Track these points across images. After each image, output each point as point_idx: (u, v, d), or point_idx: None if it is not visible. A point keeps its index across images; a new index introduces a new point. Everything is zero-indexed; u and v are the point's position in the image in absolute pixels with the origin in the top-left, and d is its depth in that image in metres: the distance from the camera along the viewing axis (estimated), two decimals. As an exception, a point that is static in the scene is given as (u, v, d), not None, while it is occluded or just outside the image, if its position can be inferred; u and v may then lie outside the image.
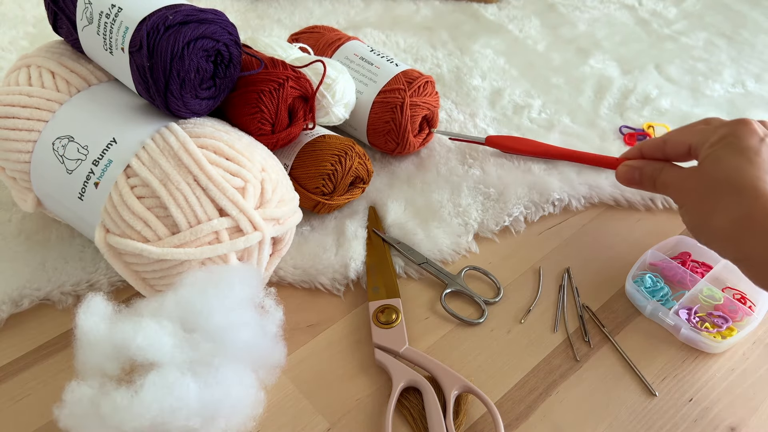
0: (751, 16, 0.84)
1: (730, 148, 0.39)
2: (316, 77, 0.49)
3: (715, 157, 0.40)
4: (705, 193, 0.40)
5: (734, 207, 0.37)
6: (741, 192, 0.37)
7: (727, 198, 0.38)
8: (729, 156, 0.39)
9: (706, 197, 0.39)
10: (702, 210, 0.40)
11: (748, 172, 0.38)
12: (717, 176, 0.39)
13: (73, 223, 0.44)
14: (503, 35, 0.78)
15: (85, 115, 0.42)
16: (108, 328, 0.34)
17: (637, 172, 0.46)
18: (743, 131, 0.40)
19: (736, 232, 0.37)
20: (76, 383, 0.33)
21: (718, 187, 0.39)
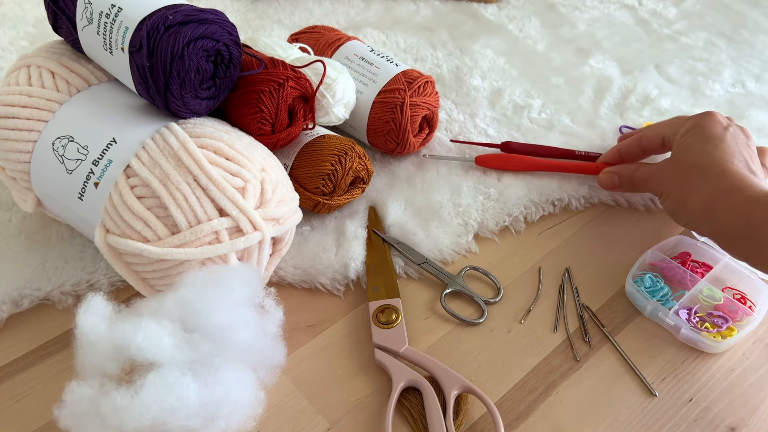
0: (751, 16, 0.84)
1: (698, 137, 0.45)
2: (316, 77, 0.49)
3: (686, 145, 0.46)
4: (679, 177, 0.45)
5: (705, 187, 0.42)
6: (709, 173, 0.43)
7: (699, 179, 0.43)
8: (697, 143, 0.45)
9: (680, 181, 0.44)
10: (678, 193, 0.45)
11: (715, 156, 0.43)
12: (688, 161, 0.45)
13: (73, 223, 0.44)
14: (503, 35, 0.78)
15: (85, 115, 0.42)
16: (108, 328, 0.34)
17: (615, 176, 0.51)
18: (708, 122, 0.46)
19: (709, 209, 0.42)
20: (76, 383, 0.33)
21: (690, 170, 0.44)
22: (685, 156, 0.45)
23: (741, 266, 0.47)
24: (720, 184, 0.42)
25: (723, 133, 0.45)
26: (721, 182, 0.42)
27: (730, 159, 0.43)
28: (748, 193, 0.40)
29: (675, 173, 0.45)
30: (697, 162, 0.44)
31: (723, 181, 0.42)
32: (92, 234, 0.40)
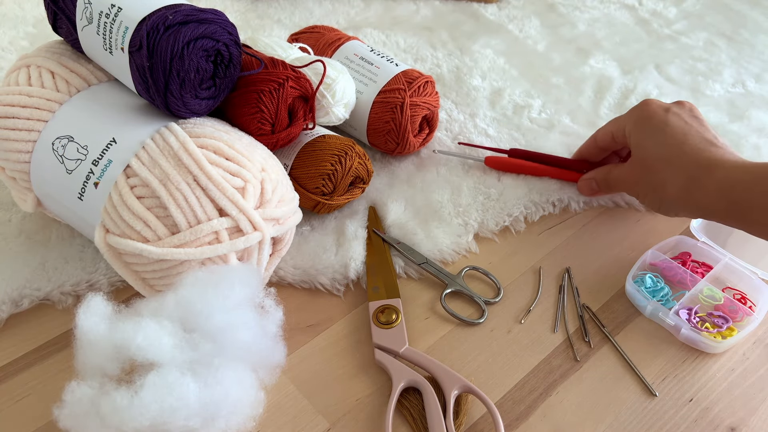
0: (751, 16, 0.84)
1: (644, 130, 0.45)
2: (316, 77, 0.49)
3: (637, 143, 0.46)
4: (646, 176, 0.45)
5: (674, 178, 0.43)
6: (671, 162, 0.43)
7: (665, 172, 0.43)
8: (647, 137, 0.45)
9: (649, 180, 0.45)
10: (653, 192, 0.45)
11: (668, 143, 0.44)
12: (648, 158, 0.45)
13: (72, 223, 0.44)
14: (503, 35, 0.78)
15: (85, 115, 0.42)
16: (108, 328, 0.34)
17: (593, 182, 0.51)
18: (647, 111, 0.46)
19: (688, 198, 0.42)
20: (76, 383, 0.33)
21: (654, 166, 0.44)
22: (642, 155, 0.45)
23: (741, 266, 0.47)
24: (687, 170, 0.42)
25: (665, 117, 0.45)
26: (687, 168, 0.42)
27: (683, 140, 0.43)
28: (719, 173, 0.40)
29: (641, 174, 0.45)
30: (655, 156, 0.44)
31: (688, 166, 0.42)
32: (92, 234, 0.40)
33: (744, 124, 0.64)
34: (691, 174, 0.42)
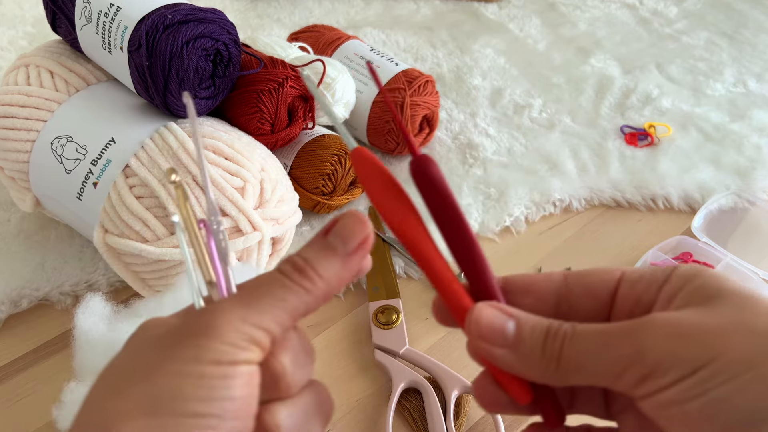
0: (752, 15, 0.83)
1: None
2: (315, 77, 0.48)
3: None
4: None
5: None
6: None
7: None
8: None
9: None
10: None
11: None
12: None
13: (72, 223, 0.44)
14: (504, 34, 0.78)
15: (84, 115, 0.42)
16: (107, 328, 0.34)
17: (510, 323, 0.21)
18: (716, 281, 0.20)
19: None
20: (75, 384, 0.33)
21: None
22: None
23: (742, 267, 0.47)
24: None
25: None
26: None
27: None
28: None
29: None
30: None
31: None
32: (91, 234, 0.40)
33: (745, 124, 0.63)
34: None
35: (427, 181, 0.22)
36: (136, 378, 0.18)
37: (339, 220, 0.21)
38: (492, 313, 0.21)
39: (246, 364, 0.18)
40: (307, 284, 0.19)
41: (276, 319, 0.19)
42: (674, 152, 0.59)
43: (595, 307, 0.22)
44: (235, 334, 0.18)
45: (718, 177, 0.56)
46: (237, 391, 0.18)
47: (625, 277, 0.22)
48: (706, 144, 0.60)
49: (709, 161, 0.58)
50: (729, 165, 0.57)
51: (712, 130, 0.62)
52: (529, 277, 0.23)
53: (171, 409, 0.17)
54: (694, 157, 0.58)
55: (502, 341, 0.20)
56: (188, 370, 0.17)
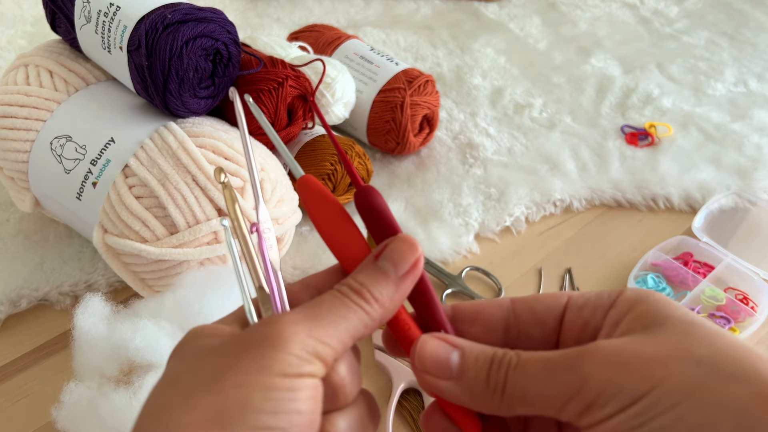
0: (753, 15, 0.83)
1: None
2: (315, 76, 0.48)
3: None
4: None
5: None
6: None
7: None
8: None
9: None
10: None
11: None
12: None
13: (71, 223, 0.44)
14: (504, 34, 0.78)
15: (84, 115, 0.42)
16: (106, 328, 0.34)
17: (454, 354, 0.21)
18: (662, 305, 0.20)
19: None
20: (75, 384, 0.33)
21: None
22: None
23: (743, 267, 0.46)
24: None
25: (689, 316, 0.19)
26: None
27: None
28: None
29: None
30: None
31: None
32: (90, 234, 0.40)
33: (746, 124, 0.63)
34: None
35: (370, 211, 0.22)
36: (202, 388, 0.17)
37: (389, 245, 0.21)
38: (436, 345, 0.20)
39: (311, 377, 0.18)
40: (366, 306, 0.20)
41: (339, 335, 0.19)
42: (675, 152, 0.59)
43: (543, 334, 0.22)
44: (300, 346, 0.18)
45: (718, 177, 0.56)
46: (303, 405, 0.18)
47: (571, 303, 0.21)
48: (706, 144, 0.60)
49: (709, 161, 0.58)
50: (730, 165, 0.57)
51: (713, 130, 0.62)
52: (477, 305, 0.23)
53: (240, 421, 0.17)
54: (694, 156, 0.58)
55: (446, 374, 0.20)
56: (256, 381, 0.17)
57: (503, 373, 0.19)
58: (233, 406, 0.17)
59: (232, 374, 0.17)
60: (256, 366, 0.17)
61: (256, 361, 0.18)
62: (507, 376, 0.19)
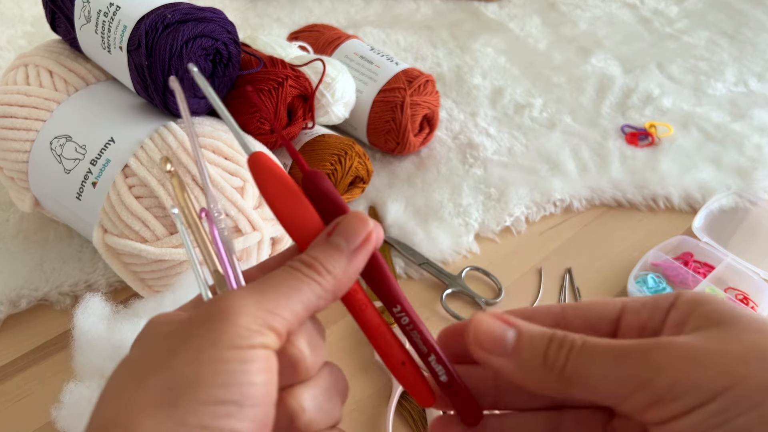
0: (754, 15, 0.83)
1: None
2: (315, 76, 0.48)
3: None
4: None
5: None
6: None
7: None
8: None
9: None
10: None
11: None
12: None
13: (71, 223, 0.44)
14: (504, 34, 0.78)
15: (83, 115, 0.42)
16: (106, 328, 0.34)
17: (511, 332, 0.21)
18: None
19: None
20: (74, 384, 0.33)
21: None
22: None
23: (743, 266, 0.46)
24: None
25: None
26: None
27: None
28: None
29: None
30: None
31: None
32: (90, 234, 0.40)
33: (746, 124, 0.63)
34: None
35: (319, 194, 0.22)
36: (152, 370, 0.17)
37: (341, 221, 0.21)
38: (492, 323, 0.20)
39: (263, 348, 0.18)
40: (318, 278, 0.20)
41: (290, 306, 0.19)
42: (675, 152, 0.59)
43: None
44: (250, 318, 0.18)
45: (719, 177, 0.56)
46: (255, 377, 0.17)
47: (627, 308, 0.21)
48: (707, 144, 0.60)
49: (710, 161, 0.58)
50: (730, 165, 0.57)
51: (713, 130, 0.62)
52: (526, 312, 0.22)
53: (192, 396, 0.17)
54: (695, 156, 0.58)
55: (502, 350, 0.20)
56: (205, 356, 0.17)
57: (564, 353, 0.19)
58: (183, 383, 0.17)
59: (182, 352, 0.17)
60: (206, 342, 0.17)
61: (205, 337, 0.17)
62: (569, 357, 0.19)
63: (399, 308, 0.22)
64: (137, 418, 0.16)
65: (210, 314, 0.18)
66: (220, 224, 0.22)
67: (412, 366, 0.22)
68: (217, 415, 0.16)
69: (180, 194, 0.22)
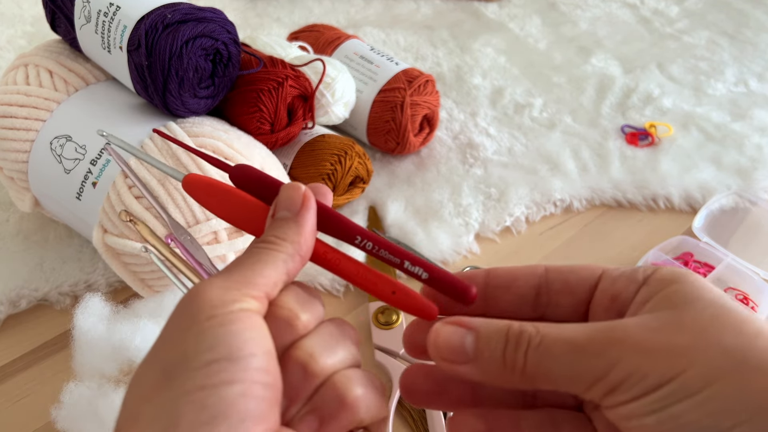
0: (754, 14, 0.83)
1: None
2: (315, 76, 0.48)
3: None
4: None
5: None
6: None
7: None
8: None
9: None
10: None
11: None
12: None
13: (71, 223, 0.44)
14: (504, 34, 0.78)
15: (83, 115, 0.42)
16: (106, 328, 0.34)
17: (469, 337, 0.20)
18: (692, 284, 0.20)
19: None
20: (74, 384, 0.33)
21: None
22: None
23: (744, 267, 0.46)
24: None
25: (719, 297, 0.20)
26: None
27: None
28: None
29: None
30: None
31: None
32: (90, 234, 0.40)
33: (746, 124, 0.63)
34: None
35: (250, 183, 0.23)
36: (144, 366, 0.18)
37: (278, 197, 0.22)
38: (450, 331, 0.20)
39: (241, 311, 0.18)
40: (276, 246, 0.21)
41: (260, 273, 0.20)
42: (675, 152, 0.59)
43: (573, 304, 0.22)
44: (221, 291, 0.18)
45: (719, 177, 0.56)
46: (241, 334, 0.18)
47: (605, 275, 0.22)
48: (707, 144, 0.60)
49: (710, 161, 0.58)
50: (730, 165, 0.57)
51: (714, 130, 0.62)
52: (512, 271, 0.23)
53: (182, 369, 0.17)
54: (695, 156, 0.58)
55: (463, 358, 0.20)
56: (186, 334, 0.18)
57: (522, 353, 0.19)
58: (173, 362, 0.17)
59: (165, 341, 0.18)
60: (184, 323, 0.18)
61: (182, 319, 0.18)
62: (527, 355, 0.19)
63: (359, 238, 0.23)
64: (139, 408, 0.17)
65: (183, 303, 0.19)
66: (190, 245, 0.24)
67: (401, 291, 0.22)
68: (211, 373, 0.17)
69: (151, 237, 0.24)
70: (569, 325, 0.19)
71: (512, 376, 0.19)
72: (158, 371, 0.17)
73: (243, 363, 0.17)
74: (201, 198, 0.23)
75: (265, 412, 0.17)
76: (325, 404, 0.19)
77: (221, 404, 0.16)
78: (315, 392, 0.19)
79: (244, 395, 0.17)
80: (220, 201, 0.23)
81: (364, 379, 0.20)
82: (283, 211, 0.22)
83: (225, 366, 0.17)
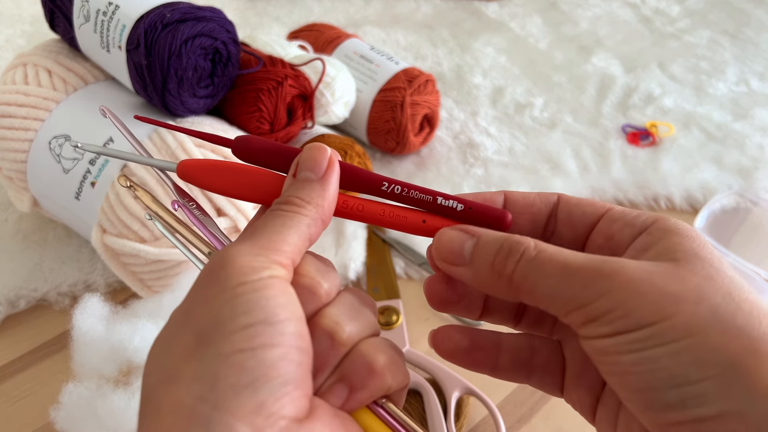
0: (755, 14, 0.83)
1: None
2: (315, 75, 0.48)
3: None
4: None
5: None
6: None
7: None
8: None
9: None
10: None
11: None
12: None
13: (69, 223, 0.44)
14: (505, 33, 0.77)
15: (82, 114, 0.42)
16: (105, 329, 0.34)
17: (469, 242, 0.21)
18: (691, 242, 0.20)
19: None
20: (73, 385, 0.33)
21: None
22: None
23: (745, 267, 0.46)
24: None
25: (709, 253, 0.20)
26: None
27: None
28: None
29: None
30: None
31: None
32: (89, 234, 0.40)
33: (748, 123, 0.63)
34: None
35: (254, 153, 0.23)
36: (174, 332, 0.18)
37: (300, 158, 0.22)
38: (452, 235, 0.21)
39: (271, 278, 0.18)
40: (299, 209, 0.20)
41: (285, 239, 0.19)
42: (676, 152, 0.59)
43: (573, 237, 0.22)
44: (250, 257, 0.18)
45: (720, 177, 0.56)
46: (274, 299, 0.17)
47: (608, 214, 0.22)
48: (708, 143, 0.60)
49: (711, 161, 0.58)
50: (731, 164, 0.57)
51: (715, 130, 0.62)
52: (527, 197, 0.23)
53: (219, 333, 0.17)
54: (696, 156, 0.58)
55: (459, 260, 0.21)
56: (218, 301, 0.17)
57: (513, 261, 0.20)
58: (208, 327, 0.17)
59: (195, 306, 0.18)
60: (214, 291, 0.18)
61: (212, 287, 0.18)
62: (518, 265, 0.19)
63: (386, 184, 0.22)
64: (177, 368, 0.17)
65: (211, 269, 0.18)
66: (194, 210, 0.23)
67: (432, 217, 0.22)
68: (249, 336, 0.17)
69: (152, 203, 0.23)
70: (569, 250, 0.19)
71: (499, 282, 0.20)
72: (191, 335, 0.17)
73: (279, 327, 0.17)
74: (202, 181, 0.22)
75: (302, 377, 0.17)
76: (354, 372, 0.19)
77: (261, 367, 0.16)
78: (342, 361, 0.19)
79: (283, 359, 0.17)
80: (223, 178, 0.22)
81: (387, 346, 0.20)
82: (307, 171, 0.21)
83: (262, 329, 0.17)
